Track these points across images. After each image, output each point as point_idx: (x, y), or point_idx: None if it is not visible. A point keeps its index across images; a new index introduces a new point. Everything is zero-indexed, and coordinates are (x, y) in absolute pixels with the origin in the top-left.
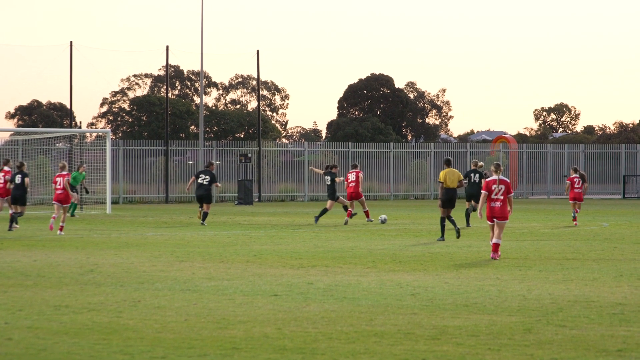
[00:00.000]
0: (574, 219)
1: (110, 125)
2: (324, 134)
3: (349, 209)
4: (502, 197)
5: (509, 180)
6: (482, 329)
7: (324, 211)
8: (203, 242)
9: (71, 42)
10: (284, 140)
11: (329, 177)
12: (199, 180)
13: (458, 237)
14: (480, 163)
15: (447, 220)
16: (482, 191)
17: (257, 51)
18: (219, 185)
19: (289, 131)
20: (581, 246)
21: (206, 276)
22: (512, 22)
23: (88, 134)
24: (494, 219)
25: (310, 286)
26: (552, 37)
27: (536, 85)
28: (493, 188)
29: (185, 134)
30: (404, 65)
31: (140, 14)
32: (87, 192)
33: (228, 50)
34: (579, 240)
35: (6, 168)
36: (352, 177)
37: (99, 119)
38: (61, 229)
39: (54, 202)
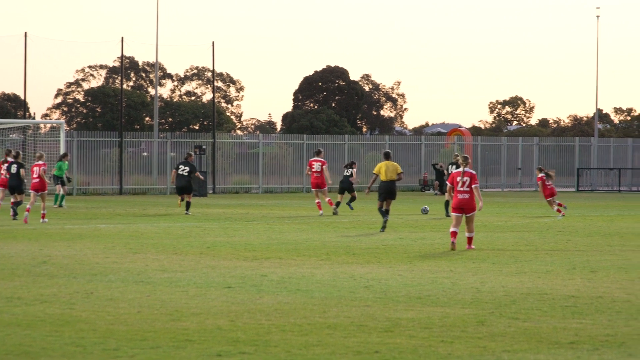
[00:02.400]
0: (559, 210)
1: (64, 117)
2: (278, 126)
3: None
4: (468, 189)
5: (474, 172)
6: (435, 321)
7: (351, 200)
8: (157, 234)
9: (25, 33)
10: (238, 132)
11: (349, 169)
12: (180, 172)
13: (381, 230)
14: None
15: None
16: (447, 183)
17: (213, 43)
18: (201, 176)
19: (244, 123)
20: (535, 239)
21: (159, 268)
22: (467, 14)
23: (42, 125)
24: (462, 211)
25: (264, 278)
26: (507, 29)
27: (491, 78)
28: (458, 180)
29: (140, 126)
30: (359, 57)
31: (96, 5)
32: (69, 180)
33: (183, 41)
34: (533, 233)
35: (10, 159)
36: (316, 166)
37: (53, 110)
38: (43, 216)
39: (30, 190)
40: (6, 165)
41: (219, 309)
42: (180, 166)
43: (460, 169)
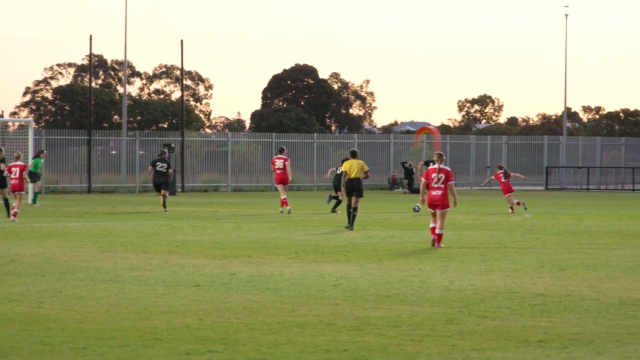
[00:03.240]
0: (512, 208)
1: (32, 115)
2: (247, 125)
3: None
4: (442, 186)
5: (449, 169)
6: (404, 319)
7: (336, 198)
8: (125, 233)
9: None
10: (207, 130)
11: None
12: (157, 169)
13: (346, 228)
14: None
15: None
16: (422, 179)
17: (181, 41)
18: (172, 171)
19: (213, 121)
20: (503, 237)
21: (128, 266)
22: (437, 13)
23: (10, 123)
24: (435, 207)
25: (233, 277)
26: (476, 28)
27: (460, 76)
28: (433, 177)
29: (109, 124)
30: (328, 56)
31: (64, 3)
32: (41, 174)
33: (152, 40)
34: (501, 231)
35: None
36: (279, 163)
37: (22, 108)
38: (15, 215)
39: (12, 192)
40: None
41: (188, 307)
42: (158, 163)
43: (436, 166)
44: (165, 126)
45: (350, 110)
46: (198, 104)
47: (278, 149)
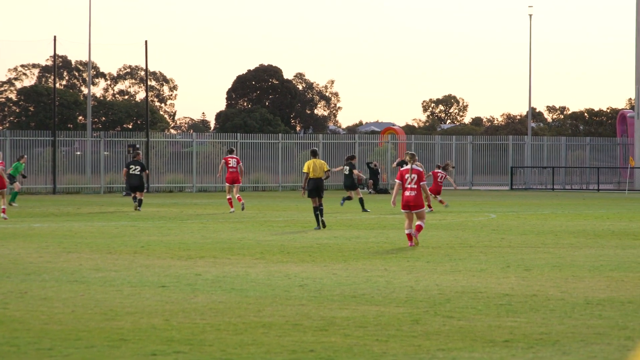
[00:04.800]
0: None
1: None
2: (212, 125)
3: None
4: (416, 186)
5: (422, 170)
6: (370, 320)
7: (349, 198)
8: (90, 234)
9: None
10: (172, 131)
11: (347, 167)
12: (131, 171)
13: (319, 227)
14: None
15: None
16: (396, 180)
17: (146, 42)
18: (148, 172)
19: (178, 122)
20: (469, 237)
21: (94, 267)
22: (401, 12)
23: None
24: (410, 208)
25: (198, 277)
26: (440, 28)
27: (425, 76)
28: (406, 177)
29: (74, 125)
30: (292, 56)
31: (28, 4)
32: (24, 177)
33: (116, 40)
34: (467, 231)
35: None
36: (232, 162)
37: None
38: (3, 211)
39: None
40: None
41: (154, 308)
42: (132, 165)
43: (409, 166)
44: (130, 127)
45: (315, 111)
46: (163, 105)
47: (228, 150)
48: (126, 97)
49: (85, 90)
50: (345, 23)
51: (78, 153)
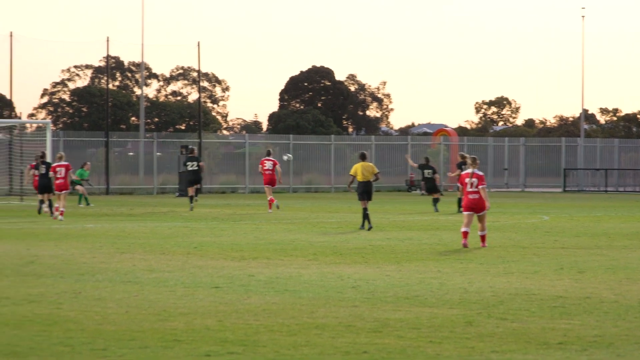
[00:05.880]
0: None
1: (50, 116)
2: (265, 126)
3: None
4: (477, 189)
5: (482, 174)
6: (423, 321)
7: (437, 200)
8: (144, 234)
9: (11, 33)
10: (224, 132)
11: (430, 171)
12: (189, 168)
13: (363, 227)
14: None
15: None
16: (458, 184)
17: (198, 43)
18: (203, 164)
19: (230, 123)
20: (522, 239)
21: (147, 268)
22: (454, 14)
23: (28, 125)
24: (473, 210)
25: (252, 278)
26: (493, 29)
27: (477, 78)
28: (467, 181)
29: (126, 126)
30: (344, 57)
31: (81, 5)
32: (90, 185)
33: (169, 41)
34: (520, 233)
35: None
36: (268, 164)
37: (39, 109)
38: (62, 213)
39: (56, 192)
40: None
41: (207, 309)
42: (189, 162)
43: (469, 170)
44: (183, 128)
45: (367, 112)
46: (215, 106)
47: (266, 152)
48: (179, 98)
49: (137, 91)
50: (397, 24)
51: (131, 154)
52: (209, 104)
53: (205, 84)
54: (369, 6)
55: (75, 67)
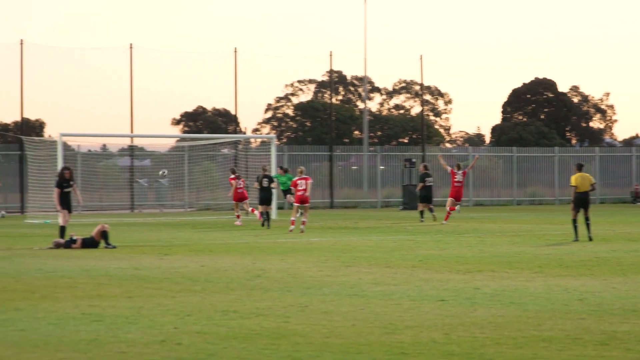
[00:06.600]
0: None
1: (274, 131)
2: (487, 139)
3: None
4: None
5: None
6: None
7: None
8: (369, 247)
9: (235, 49)
10: (447, 145)
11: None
12: (428, 184)
13: (576, 239)
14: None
15: (578, 222)
16: None
17: (421, 56)
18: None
19: (453, 136)
20: None
21: (372, 281)
22: None
23: (252, 140)
24: None
25: (477, 291)
26: None
27: None
28: None
29: (350, 139)
30: (567, 69)
31: (304, 20)
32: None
33: (391, 55)
34: None
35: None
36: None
37: (263, 124)
38: (303, 223)
39: (295, 203)
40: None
41: (433, 322)
42: (427, 179)
43: None
44: (406, 141)
45: (591, 124)
46: (438, 119)
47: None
48: (401, 111)
49: (360, 105)
50: (621, 34)
51: (354, 167)
52: (432, 117)
53: (427, 97)
54: (589, 17)
55: (299, 81)
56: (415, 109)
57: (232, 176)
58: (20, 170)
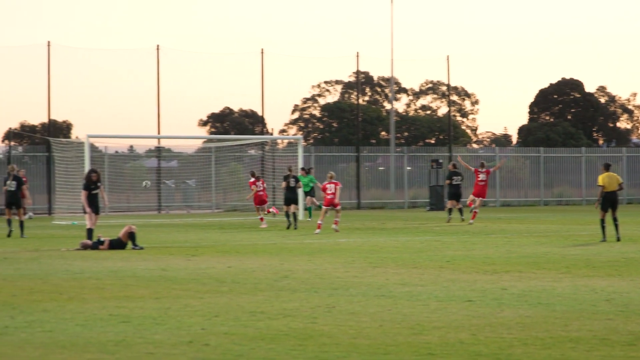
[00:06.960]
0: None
1: (301, 132)
2: (514, 139)
3: None
4: None
5: None
6: None
7: None
8: (396, 248)
9: (262, 50)
10: (474, 145)
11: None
12: (454, 182)
13: (604, 239)
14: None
15: (606, 222)
16: None
17: (447, 56)
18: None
19: (480, 136)
20: None
21: (400, 282)
22: None
23: (279, 141)
24: None
25: (504, 292)
26: None
27: None
28: None
29: (376, 140)
30: (594, 69)
31: (331, 21)
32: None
33: (418, 55)
34: None
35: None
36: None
37: (290, 125)
38: (336, 222)
39: (324, 206)
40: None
41: (460, 322)
42: (454, 177)
43: None
44: (433, 142)
45: (618, 124)
46: (464, 119)
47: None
48: (428, 112)
49: (387, 106)
50: None
51: (381, 168)
52: (459, 118)
53: (454, 97)
54: (617, 17)
55: (326, 82)
56: (442, 109)
57: (252, 179)
58: (48, 172)
